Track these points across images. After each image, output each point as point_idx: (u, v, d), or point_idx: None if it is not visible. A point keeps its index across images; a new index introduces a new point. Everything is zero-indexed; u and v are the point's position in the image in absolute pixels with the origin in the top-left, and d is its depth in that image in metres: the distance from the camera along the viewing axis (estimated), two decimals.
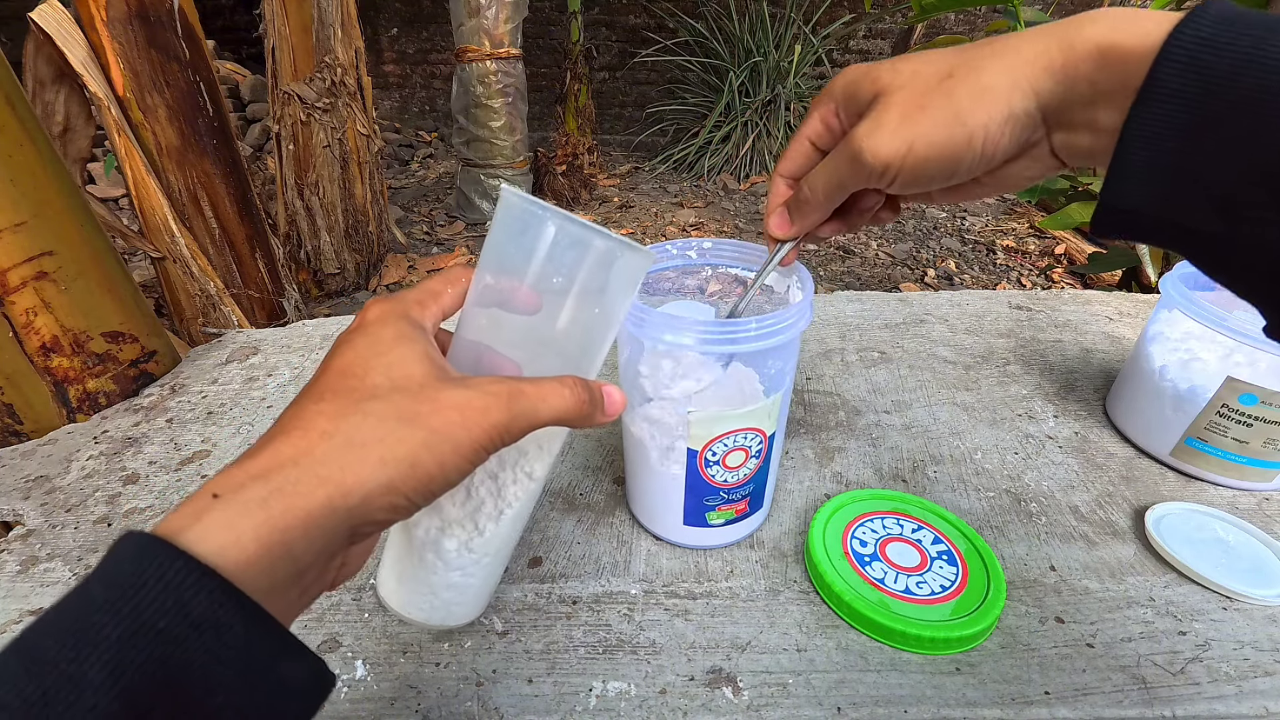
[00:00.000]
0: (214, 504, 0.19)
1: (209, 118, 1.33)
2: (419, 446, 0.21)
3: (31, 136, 0.54)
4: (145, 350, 0.61)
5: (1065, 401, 0.59)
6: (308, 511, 0.20)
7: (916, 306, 0.76)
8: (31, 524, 0.45)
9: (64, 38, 1.14)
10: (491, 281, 0.28)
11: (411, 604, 0.30)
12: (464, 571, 0.30)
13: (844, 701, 0.33)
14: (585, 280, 0.27)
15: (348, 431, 0.21)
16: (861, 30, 3.80)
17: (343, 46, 1.85)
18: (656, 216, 2.83)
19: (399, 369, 0.23)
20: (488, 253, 0.28)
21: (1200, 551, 0.42)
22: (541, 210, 0.26)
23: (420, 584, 0.30)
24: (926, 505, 0.44)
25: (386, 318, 0.25)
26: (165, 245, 1.28)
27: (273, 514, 0.19)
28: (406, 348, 0.24)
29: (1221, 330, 0.45)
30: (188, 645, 0.17)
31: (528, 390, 0.24)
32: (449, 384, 0.23)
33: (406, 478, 0.21)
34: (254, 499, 0.19)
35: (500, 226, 0.27)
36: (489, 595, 0.33)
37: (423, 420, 0.22)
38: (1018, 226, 2.77)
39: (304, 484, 0.20)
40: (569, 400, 0.25)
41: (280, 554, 0.19)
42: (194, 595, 0.17)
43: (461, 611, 0.32)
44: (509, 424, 0.23)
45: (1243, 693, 0.34)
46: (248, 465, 0.20)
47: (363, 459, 0.21)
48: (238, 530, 0.19)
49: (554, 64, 3.66)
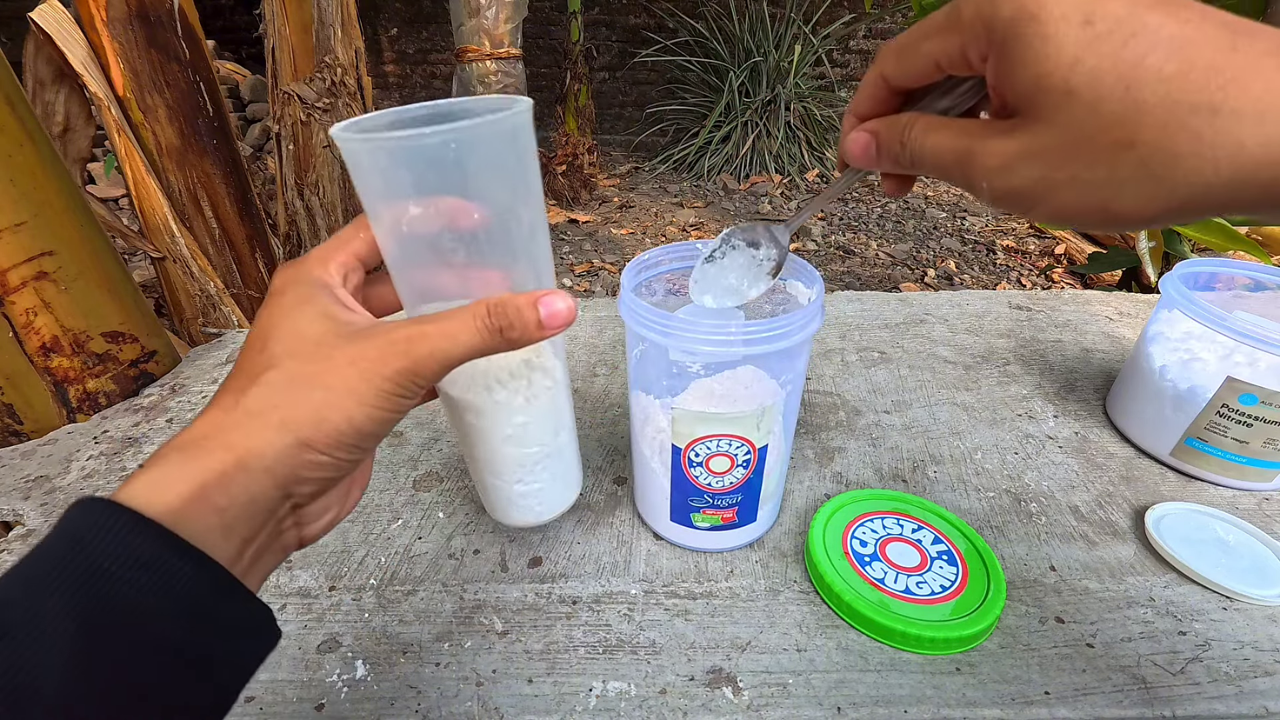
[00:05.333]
0: (139, 472, 0.21)
1: (209, 118, 1.33)
2: (320, 406, 0.22)
3: (31, 136, 0.54)
4: (145, 350, 0.61)
5: (1065, 401, 0.59)
6: (221, 471, 0.21)
7: (916, 306, 0.76)
8: (31, 524, 0.45)
9: (64, 38, 1.14)
10: (417, 211, 0.25)
11: (502, 512, 0.35)
12: (522, 482, 0.33)
13: (844, 701, 0.33)
14: (455, 179, 0.24)
15: (246, 404, 0.22)
16: (861, 30, 3.80)
17: (343, 46, 1.85)
18: (656, 216, 2.83)
19: (293, 335, 0.24)
20: (360, 193, 0.26)
21: (1200, 551, 0.42)
22: (360, 143, 0.24)
23: (499, 497, 0.34)
24: (926, 505, 0.44)
25: (286, 285, 0.26)
26: (165, 245, 1.28)
27: (189, 473, 0.21)
28: (302, 311, 0.24)
29: (1221, 330, 0.45)
30: (137, 583, 0.19)
31: (429, 331, 0.23)
32: (345, 339, 0.24)
33: (315, 435, 0.22)
34: (173, 463, 0.21)
35: (350, 169, 0.25)
36: (571, 482, 0.36)
37: (318, 380, 0.23)
38: (1018, 226, 2.77)
39: (214, 451, 0.22)
40: (482, 331, 0.24)
41: (202, 505, 0.21)
42: (140, 540, 0.19)
43: (545, 508, 0.35)
44: (414, 368, 0.23)
45: (1243, 693, 0.34)
46: (169, 443, 0.22)
47: (264, 424, 0.22)
48: (160, 488, 0.20)
49: (554, 64, 3.66)
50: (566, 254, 2.41)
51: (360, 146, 0.24)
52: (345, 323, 0.24)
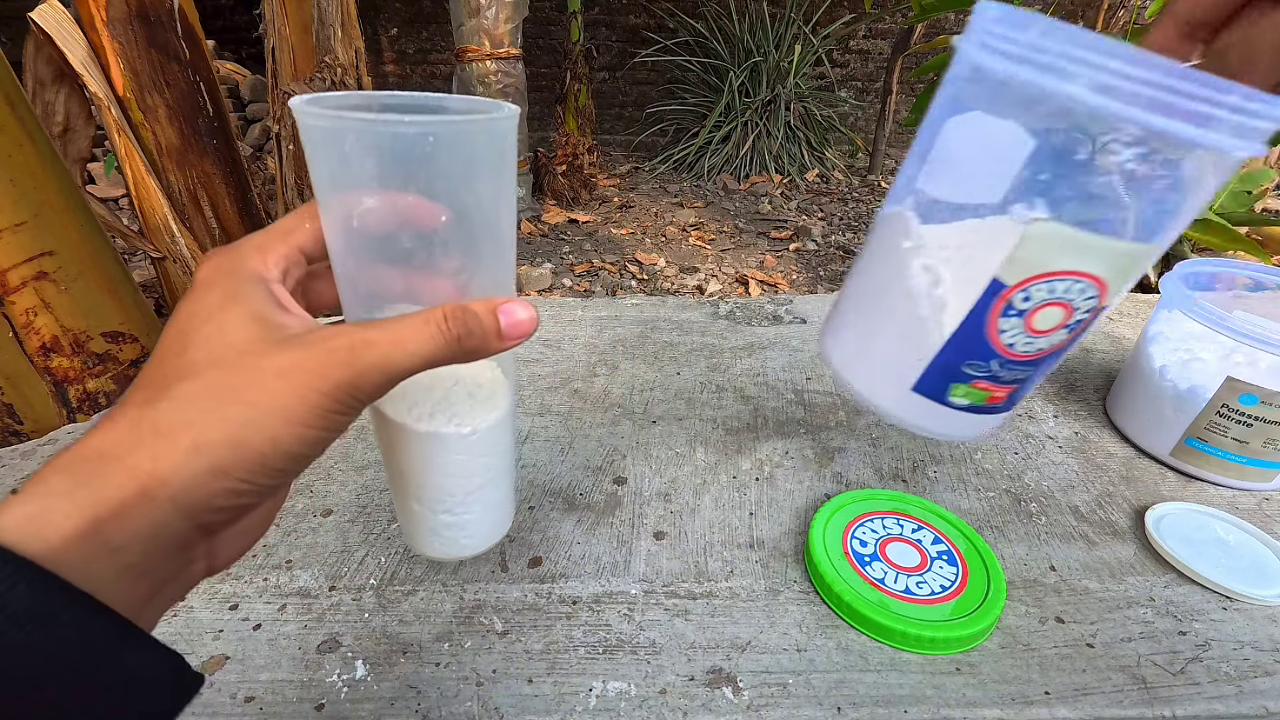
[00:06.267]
0: (13, 500, 0.18)
1: (209, 118, 1.34)
2: (239, 426, 0.19)
3: (31, 136, 0.54)
4: (145, 350, 0.61)
5: (1065, 401, 0.59)
6: (120, 501, 0.18)
7: None
8: None
9: (64, 38, 1.14)
10: (372, 204, 0.23)
11: (423, 543, 0.31)
12: (450, 513, 0.30)
13: (844, 701, 0.33)
14: (422, 176, 0.22)
15: (153, 419, 0.19)
16: (861, 30, 3.80)
17: (343, 46, 1.86)
18: (656, 216, 2.83)
19: (218, 339, 0.20)
20: (313, 177, 0.23)
21: (1200, 551, 0.42)
22: (328, 120, 0.21)
23: (420, 526, 0.30)
24: (926, 505, 0.44)
25: (215, 276, 0.22)
26: (165, 245, 1.28)
27: (78, 505, 0.18)
28: (231, 311, 0.21)
29: (1221, 330, 0.45)
30: (8, 639, 0.16)
31: (376, 338, 0.21)
32: (278, 346, 0.20)
33: (233, 461, 0.19)
34: (57, 492, 0.18)
35: (306, 150, 0.23)
36: (499, 521, 0.33)
37: (240, 395, 0.20)
38: None
39: (113, 474, 0.18)
40: (436, 338, 0.21)
41: (93, 545, 0.17)
42: (10, 588, 0.16)
43: (472, 543, 0.32)
44: (356, 381, 0.20)
45: (1243, 693, 0.34)
46: (55, 461, 0.19)
47: (173, 447, 0.19)
48: (38, 524, 0.17)
49: (554, 64, 3.66)
50: (566, 254, 2.41)
51: (322, 124, 0.21)
52: (278, 325, 0.21)
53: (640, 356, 0.65)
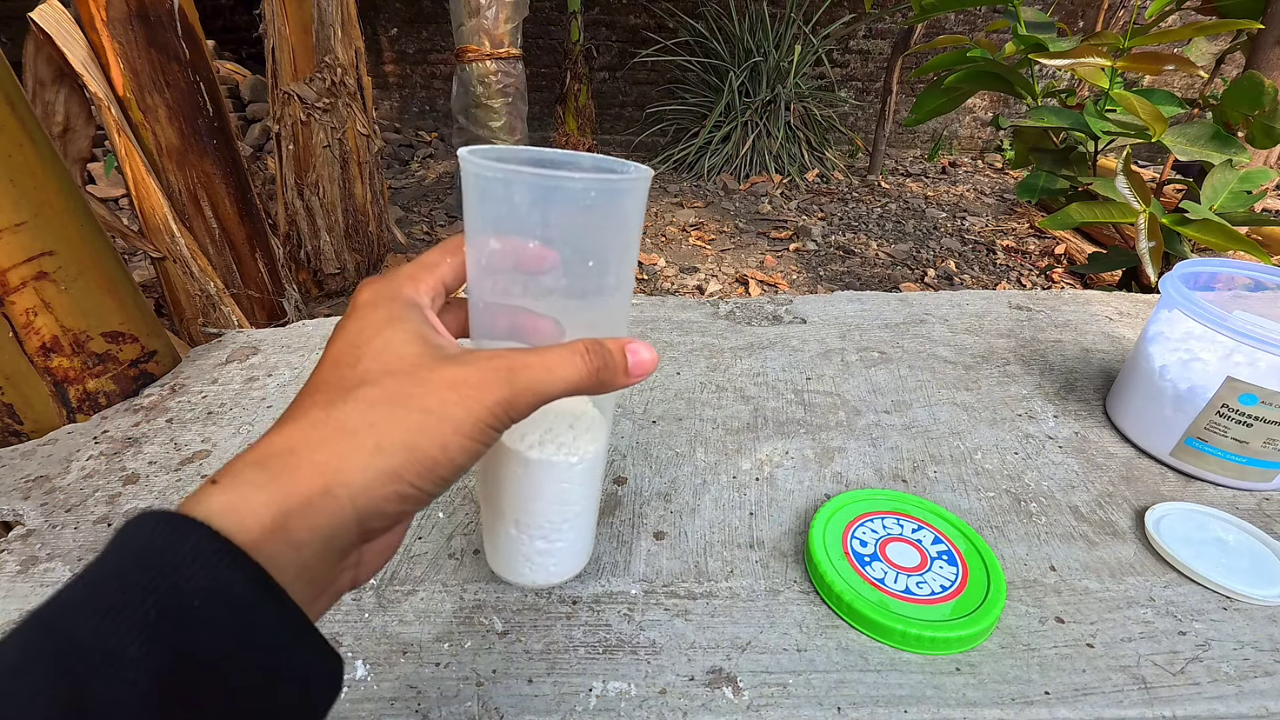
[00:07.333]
0: (214, 489, 0.19)
1: (209, 118, 1.34)
2: (415, 430, 0.21)
3: (31, 136, 0.54)
4: (145, 350, 0.61)
5: (1065, 401, 0.59)
6: (307, 497, 0.19)
7: (916, 306, 0.76)
8: (31, 524, 0.45)
9: (64, 38, 1.14)
10: (497, 245, 0.26)
11: (513, 569, 0.34)
12: (546, 539, 0.32)
13: (844, 701, 0.33)
14: (579, 225, 0.25)
15: (339, 419, 0.21)
16: (861, 30, 3.80)
17: (343, 46, 1.85)
18: (656, 216, 2.83)
19: (390, 352, 0.22)
20: (470, 218, 0.26)
21: (1200, 551, 0.42)
22: (501, 173, 0.24)
23: (514, 553, 0.33)
24: (926, 505, 0.44)
25: (377, 300, 0.24)
26: (165, 245, 1.28)
27: (273, 497, 0.19)
28: (397, 328, 0.23)
29: (1221, 330, 0.45)
30: (222, 627, 0.17)
31: (531, 362, 0.23)
32: (444, 362, 0.22)
33: (407, 464, 0.20)
34: (252, 483, 0.19)
35: (468, 193, 0.26)
36: (584, 550, 0.36)
37: (416, 402, 0.21)
38: (1018, 226, 2.77)
39: (301, 470, 0.19)
40: (580, 368, 0.23)
41: (281, 540, 0.18)
42: (232, 576, 0.17)
43: (559, 571, 0.34)
44: (512, 399, 0.22)
45: (1243, 693, 0.34)
46: (245, 455, 0.20)
47: (357, 446, 0.20)
48: (240, 513, 0.18)
49: (554, 64, 3.66)
50: None
51: (496, 175, 0.24)
52: (438, 345, 0.23)
53: None
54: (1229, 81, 1.15)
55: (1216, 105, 1.14)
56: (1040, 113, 1.23)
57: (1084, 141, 1.36)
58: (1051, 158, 1.39)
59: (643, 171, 0.26)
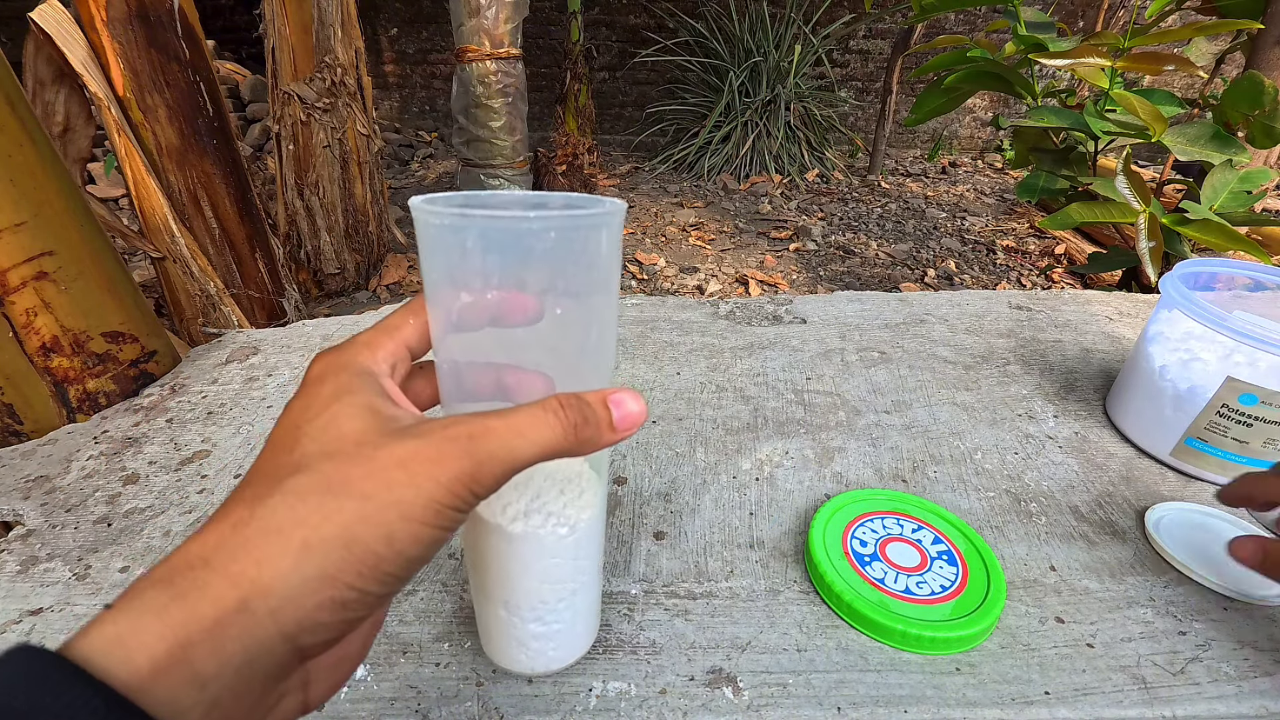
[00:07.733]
0: (106, 616, 0.16)
1: (209, 118, 1.34)
2: (352, 521, 0.18)
3: (31, 136, 0.54)
4: (145, 350, 0.61)
5: (1065, 401, 0.59)
6: (215, 619, 0.16)
7: (916, 306, 0.76)
8: (31, 524, 0.45)
9: (64, 38, 1.14)
10: (469, 298, 0.23)
11: (507, 655, 0.30)
12: (541, 621, 0.29)
13: (844, 701, 0.33)
14: (542, 270, 0.23)
15: (263, 517, 0.18)
16: (861, 30, 3.80)
17: (343, 46, 1.86)
18: (656, 216, 2.83)
19: (332, 430, 0.20)
20: (427, 271, 0.23)
21: (1200, 552, 0.42)
22: (448, 219, 0.21)
23: (507, 637, 0.30)
24: (926, 505, 0.44)
25: (325, 372, 0.22)
26: (165, 245, 1.28)
27: (170, 624, 0.16)
28: (344, 403, 0.20)
29: (1221, 330, 0.45)
30: None
31: (495, 426, 0.20)
32: (393, 437, 0.19)
33: (344, 563, 0.17)
34: (150, 608, 0.16)
35: (422, 246, 0.23)
36: (587, 631, 0.32)
37: (355, 487, 0.18)
38: (1018, 226, 2.78)
39: (212, 585, 0.17)
40: (555, 427, 0.20)
41: (179, 676, 0.15)
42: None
43: (559, 656, 0.31)
44: (474, 472, 0.19)
45: (1243, 693, 0.34)
46: (154, 570, 0.17)
47: (282, 548, 0.17)
48: (128, 648, 0.15)
49: (554, 64, 3.66)
50: None
51: (444, 222, 0.21)
52: (391, 417, 0.20)
53: (640, 356, 0.65)
54: (1229, 81, 1.15)
55: (1216, 105, 1.14)
56: (1040, 113, 1.23)
57: (1084, 141, 1.36)
58: (1051, 158, 1.39)
59: (615, 206, 0.23)
